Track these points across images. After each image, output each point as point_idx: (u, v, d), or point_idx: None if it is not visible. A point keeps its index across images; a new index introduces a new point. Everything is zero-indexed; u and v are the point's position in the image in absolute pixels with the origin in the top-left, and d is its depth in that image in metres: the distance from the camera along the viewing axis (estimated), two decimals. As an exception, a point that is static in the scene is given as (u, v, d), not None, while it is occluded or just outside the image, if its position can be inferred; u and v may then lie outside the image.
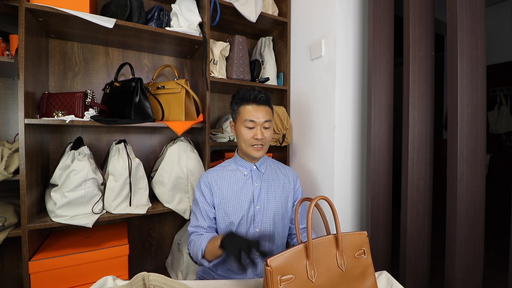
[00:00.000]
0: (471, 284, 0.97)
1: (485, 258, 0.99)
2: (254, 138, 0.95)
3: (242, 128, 0.97)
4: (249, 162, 1.02)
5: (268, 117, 0.98)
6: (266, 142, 0.99)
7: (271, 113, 1.01)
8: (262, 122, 0.96)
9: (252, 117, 0.95)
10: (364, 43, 1.36)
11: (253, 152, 0.97)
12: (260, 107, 0.97)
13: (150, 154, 1.59)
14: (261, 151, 0.98)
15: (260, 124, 0.96)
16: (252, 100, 0.97)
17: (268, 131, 0.98)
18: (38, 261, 1.06)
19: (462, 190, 0.95)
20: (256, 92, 0.97)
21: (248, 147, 0.97)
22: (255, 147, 0.97)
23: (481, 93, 0.96)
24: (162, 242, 1.64)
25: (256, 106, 0.96)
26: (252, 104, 0.97)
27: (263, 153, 0.99)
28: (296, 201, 1.05)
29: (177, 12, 1.35)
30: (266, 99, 0.98)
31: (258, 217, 0.96)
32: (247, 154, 0.99)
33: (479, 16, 0.95)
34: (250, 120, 0.95)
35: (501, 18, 2.71)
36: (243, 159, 1.02)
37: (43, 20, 1.13)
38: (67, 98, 1.16)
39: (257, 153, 0.97)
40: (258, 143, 0.96)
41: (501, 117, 2.66)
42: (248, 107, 0.97)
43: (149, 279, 0.56)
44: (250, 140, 0.96)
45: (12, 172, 1.06)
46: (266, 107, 0.98)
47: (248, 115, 0.96)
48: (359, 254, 0.67)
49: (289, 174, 1.08)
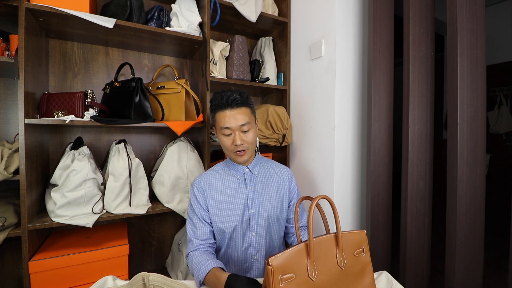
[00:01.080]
0: (471, 284, 0.97)
1: (485, 258, 0.99)
2: (233, 144, 0.91)
3: (220, 136, 0.94)
4: (241, 165, 0.98)
5: (246, 120, 0.91)
6: (249, 146, 0.94)
7: (249, 114, 0.94)
8: (239, 126, 0.90)
9: (227, 124, 0.90)
10: (364, 43, 1.36)
11: (237, 158, 0.94)
12: (234, 110, 0.90)
13: (150, 154, 1.59)
14: (245, 155, 0.94)
15: (237, 129, 0.91)
16: (225, 105, 0.90)
17: (248, 134, 0.92)
18: (38, 261, 1.06)
19: (462, 190, 0.95)
20: (229, 94, 0.91)
21: (231, 153, 0.94)
22: (238, 152, 0.93)
23: (481, 93, 0.96)
24: (162, 242, 1.64)
25: (229, 111, 0.90)
26: (225, 109, 0.91)
27: (248, 157, 0.95)
28: (292, 201, 1.03)
29: (177, 12, 1.35)
30: (240, 100, 0.91)
31: (253, 221, 0.94)
32: (233, 161, 0.98)
33: (479, 16, 0.95)
34: (226, 127, 0.90)
35: (501, 18, 2.71)
36: (235, 163, 0.99)
37: (43, 20, 1.13)
38: (67, 98, 1.16)
39: (240, 158, 0.94)
40: (238, 149, 0.92)
41: (501, 117, 2.66)
42: (223, 113, 0.91)
43: (149, 279, 0.56)
44: (231, 147, 0.93)
45: (12, 172, 1.06)
46: (242, 109, 0.92)
47: (222, 122, 0.91)
48: (359, 253, 0.67)
49: (283, 174, 1.05)
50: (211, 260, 0.81)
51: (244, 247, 0.94)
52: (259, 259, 0.95)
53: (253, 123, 0.96)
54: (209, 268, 0.78)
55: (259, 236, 0.95)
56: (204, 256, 0.84)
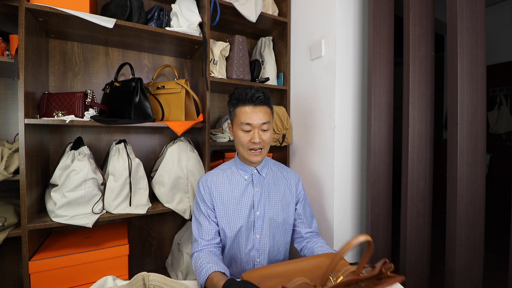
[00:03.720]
0: (471, 284, 0.97)
1: (485, 258, 0.99)
2: (251, 141, 0.90)
3: (238, 131, 0.92)
4: (250, 165, 0.97)
5: (267, 119, 0.91)
6: (265, 145, 0.93)
7: (270, 114, 0.94)
8: (260, 124, 0.90)
9: (249, 120, 0.89)
10: (364, 43, 1.36)
11: (251, 156, 0.92)
12: (257, 108, 0.90)
13: (150, 154, 1.59)
14: (260, 155, 0.93)
15: (258, 127, 0.90)
16: (249, 101, 0.90)
17: (266, 133, 0.92)
18: (38, 261, 1.06)
19: (462, 190, 0.95)
20: (253, 91, 0.90)
21: (246, 151, 0.93)
22: (253, 151, 0.92)
23: (481, 93, 0.96)
24: (162, 242, 1.64)
25: (252, 107, 0.90)
26: (249, 105, 0.90)
27: (261, 157, 0.94)
28: (298, 203, 1.02)
29: (177, 12, 1.35)
30: (264, 99, 0.91)
31: (258, 223, 0.93)
32: (245, 159, 0.95)
33: (479, 16, 0.95)
34: (247, 123, 0.89)
35: (501, 18, 2.71)
36: (244, 163, 0.98)
37: (43, 20, 1.13)
38: (67, 98, 1.16)
39: (255, 157, 0.92)
40: (256, 147, 0.91)
41: (501, 117, 2.66)
42: (244, 109, 0.90)
43: (149, 279, 0.56)
44: (247, 144, 0.91)
45: (12, 172, 1.05)
46: (264, 107, 0.92)
47: (244, 118, 0.90)
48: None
49: (290, 178, 1.04)
50: (212, 263, 0.80)
51: (248, 248, 0.94)
52: (261, 262, 0.94)
53: (271, 125, 0.96)
54: (209, 272, 0.77)
55: (263, 239, 0.94)
56: (207, 259, 0.82)
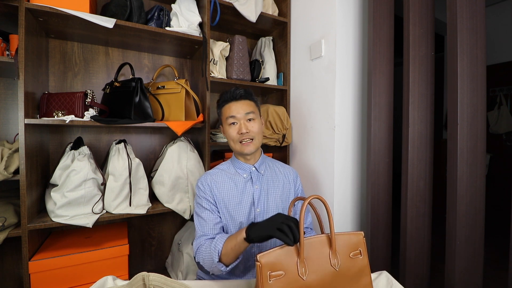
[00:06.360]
0: (471, 284, 0.97)
1: (485, 258, 0.99)
2: (239, 133, 0.94)
3: (226, 127, 0.97)
4: (247, 163, 0.99)
5: (250, 109, 0.96)
6: (255, 136, 0.96)
7: (254, 106, 0.99)
8: (244, 115, 0.95)
9: (232, 113, 0.95)
10: (364, 43, 1.36)
11: (243, 148, 0.95)
12: (239, 102, 0.97)
13: (150, 154, 1.59)
14: (251, 145, 0.95)
15: (242, 118, 0.95)
16: (230, 98, 0.97)
17: (253, 122, 0.96)
18: (38, 261, 1.06)
19: (462, 190, 0.95)
20: (233, 89, 0.98)
21: (237, 144, 0.96)
22: (243, 142, 0.95)
23: (481, 93, 0.96)
24: (162, 242, 1.64)
25: (235, 102, 0.97)
26: (231, 102, 0.97)
27: (254, 148, 0.96)
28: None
29: (177, 12, 1.35)
30: (244, 93, 0.98)
31: (258, 220, 0.94)
32: (240, 153, 0.98)
33: (479, 16, 0.95)
34: (231, 116, 0.95)
35: (501, 18, 2.71)
36: (241, 161, 1.00)
37: (43, 20, 1.13)
38: (67, 98, 1.16)
39: (247, 148, 0.94)
40: (245, 138, 0.94)
41: (501, 117, 2.66)
42: (228, 105, 0.97)
43: (149, 279, 0.56)
44: (236, 137, 0.95)
45: (12, 172, 1.06)
46: (247, 101, 0.98)
47: (228, 113, 0.96)
48: (355, 255, 0.67)
49: (289, 174, 1.06)
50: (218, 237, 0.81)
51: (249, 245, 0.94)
52: None
53: (258, 115, 1.00)
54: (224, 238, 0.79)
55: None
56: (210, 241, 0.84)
